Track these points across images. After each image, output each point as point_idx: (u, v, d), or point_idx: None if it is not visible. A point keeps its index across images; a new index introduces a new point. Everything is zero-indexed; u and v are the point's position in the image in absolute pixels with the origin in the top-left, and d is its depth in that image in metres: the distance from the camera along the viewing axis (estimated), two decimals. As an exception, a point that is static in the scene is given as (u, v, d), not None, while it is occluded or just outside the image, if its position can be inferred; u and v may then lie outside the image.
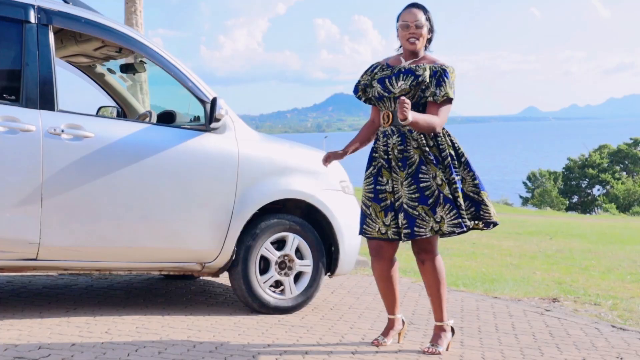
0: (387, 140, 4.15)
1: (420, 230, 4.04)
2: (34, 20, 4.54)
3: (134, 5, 8.17)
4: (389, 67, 4.24)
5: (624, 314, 5.86)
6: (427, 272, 4.19)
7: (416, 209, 4.04)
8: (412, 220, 4.04)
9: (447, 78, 4.11)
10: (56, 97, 4.52)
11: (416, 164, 4.07)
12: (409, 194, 4.06)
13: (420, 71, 4.11)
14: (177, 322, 4.67)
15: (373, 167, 4.22)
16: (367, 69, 4.38)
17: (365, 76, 4.35)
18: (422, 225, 4.03)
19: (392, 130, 4.15)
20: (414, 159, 4.07)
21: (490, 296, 6.37)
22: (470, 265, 8.92)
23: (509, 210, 33.06)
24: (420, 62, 4.20)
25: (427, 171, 4.05)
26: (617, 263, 9.82)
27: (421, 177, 4.05)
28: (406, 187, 4.07)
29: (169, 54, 4.97)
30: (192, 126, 4.97)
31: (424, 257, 4.17)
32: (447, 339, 4.27)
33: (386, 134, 4.17)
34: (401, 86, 4.10)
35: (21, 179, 4.36)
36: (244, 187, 4.93)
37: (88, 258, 4.64)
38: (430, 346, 4.22)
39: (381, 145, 4.18)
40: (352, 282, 6.66)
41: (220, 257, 4.92)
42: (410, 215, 4.04)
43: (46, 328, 4.33)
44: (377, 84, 4.21)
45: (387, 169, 4.15)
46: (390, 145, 4.13)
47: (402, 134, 4.11)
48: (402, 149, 4.09)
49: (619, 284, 7.79)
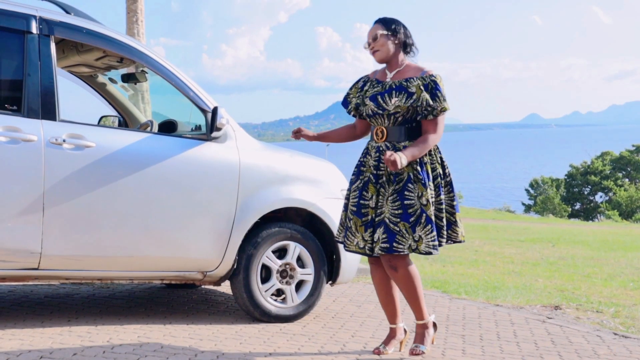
0: (379, 156, 4.17)
1: (399, 246, 4.03)
2: (35, 31, 4.56)
3: (135, 15, 8.20)
4: (379, 83, 4.26)
5: (626, 322, 5.85)
6: (401, 279, 4.16)
7: (397, 225, 4.04)
8: (392, 235, 4.04)
9: (440, 90, 4.12)
10: (58, 107, 4.53)
11: (404, 181, 4.07)
12: (392, 210, 4.06)
13: (414, 89, 4.11)
14: (179, 331, 4.67)
15: (360, 181, 4.23)
16: (355, 83, 4.41)
17: (354, 90, 4.38)
18: (401, 242, 4.03)
19: (387, 146, 4.16)
20: (403, 176, 4.08)
21: (492, 304, 6.37)
22: (473, 273, 8.92)
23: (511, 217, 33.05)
24: (405, 73, 4.21)
25: (414, 189, 4.06)
26: (619, 270, 9.81)
27: (407, 194, 4.05)
28: (391, 202, 4.08)
29: (169, 63, 4.99)
30: (193, 135, 4.98)
31: (395, 264, 4.12)
32: (431, 336, 4.31)
33: (379, 150, 4.18)
34: (395, 103, 4.12)
35: (23, 188, 4.37)
36: (245, 195, 4.94)
37: (90, 267, 4.64)
38: (415, 347, 4.24)
39: (372, 160, 4.20)
40: (353, 291, 6.66)
41: (222, 266, 4.92)
42: (391, 230, 4.04)
43: (48, 337, 4.33)
44: (370, 102, 4.22)
45: (374, 184, 4.16)
46: (384, 161, 4.11)
47: (397, 150, 4.11)
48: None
49: (621, 291, 7.78)
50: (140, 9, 8.25)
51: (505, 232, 17.68)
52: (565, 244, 14.56)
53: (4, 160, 4.32)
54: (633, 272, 9.58)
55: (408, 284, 4.15)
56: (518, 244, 14.01)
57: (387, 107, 4.13)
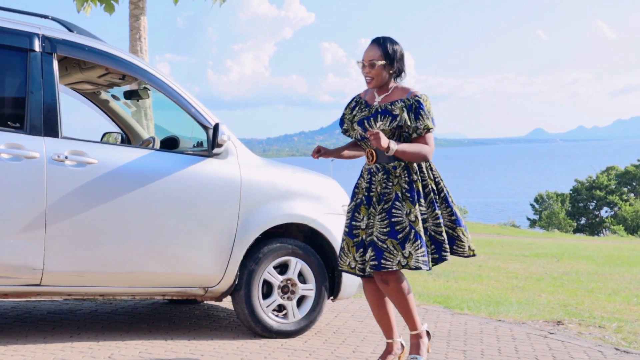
0: (371, 178, 4.22)
1: (387, 262, 4.06)
2: (38, 49, 4.60)
3: (138, 33, 8.26)
4: (367, 107, 4.30)
5: (628, 337, 5.84)
6: (392, 293, 4.19)
7: (385, 242, 4.07)
8: (380, 252, 4.07)
9: (423, 109, 4.15)
10: (60, 124, 4.56)
11: (392, 199, 4.12)
12: (380, 228, 4.10)
13: (397, 111, 4.16)
14: (181, 347, 4.69)
15: (353, 203, 4.30)
16: (348, 104, 4.45)
17: (348, 111, 4.42)
18: (389, 258, 4.06)
19: (377, 168, 4.21)
20: (391, 195, 4.13)
21: (495, 319, 6.36)
22: (476, 288, 8.91)
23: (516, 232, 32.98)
24: (392, 96, 4.25)
25: (401, 207, 4.09)
26: (623, 285, 9.80)
27: (394, 212, 4.09)
28: (379, 221, 4.12)
29: (171, 80, 5.03)
30: (194, 152, 5.02)
31: (386, 278, 4.15)
32: (425, 344, 4.32)
33: (371, 172, 4.24)
34: (380, 127, 4.17)
35: (25, 205, 4.40)
36: (246, 211, 4.96)
37: (92, 283, 4.66)
38: (412, 358, 4.25)
39: (364, 182, 4.26)
40: (356, 306, 6.66)
41: (223, 282, 4.94)
42: (379, 247, 4.08)
43: (49, 353, 4.35)
44: (358, 127, 4.28)
45: (366, 206, 4.21)
46: (375, 183, 4.19)
47: (386, 171, 4.17)
48: (385, 185, 4.16)
49: (624, 306, 7.77)
50: (143, 27, 8.32)
51: (509, 247, 17.66)
52: (570, 259, 14.53)
53: (6, 177, 4.35)
54: (637, 287, 9.56)
55: (399, 297, 4.19)
56: (522, 259, 14.00)
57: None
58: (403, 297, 4.18)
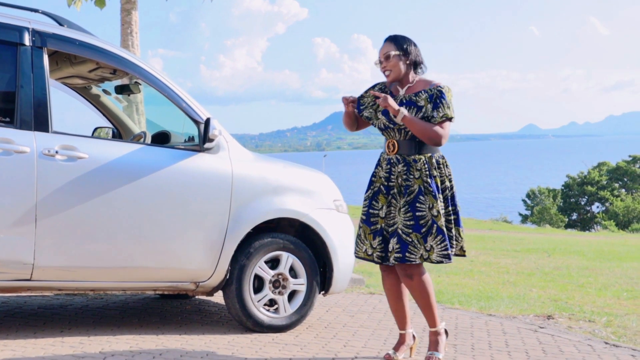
0: (390, 168, 4.29)
1: (411, 256, 4.16)
2: (28, 43, 4.58)
3: (129, 27, 8.24)
4: (392, 97, 4.36)
5: (618, 331, 5.87)
6: (415, 288, 4.28)
7: (410, 236, 4.16)
8: (404, 245, 4.16)
9: (444, 99, 4.24)
10: (50, 118, 4.55)
11: (415, 193, 4.20)
12: (404, 221, 4.18)
13: (422, 102, 4.25)
14: (172, 342, 4.68)
15: (371, 191, 4.36)
16: (372, 87, 4.51)
17: (369, 97, 4.45)
18: (413, 252, 4.16)
19: (397, 159, 4.28)
20: (414, 188, 4.20)
21: (485, 314, 6.38)
22: (467, 283, 8.93)
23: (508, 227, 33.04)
24: (416, 88, 4.33)
25: (425, 201, 4.18)
26: (614, 280, 9.83)
27: (418, 206, 4.18)
28: (403, 213, 4.20)
29: (163, 74, 5.01)
30: (186, 146, 5.00)
31: (411, 273, 4.25)
32: (444, 342, 4.41)
33: (390, 162, 4.30)
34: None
35: (15, 200, 4.38)
36: (237, 206, 4.96)
37: (83, 278, 4.65)
38: (430, 354, 4.32)
39: (383, 172, 4.32)
40: (347, 301, 6.67)
41: (215, 276, 4.94)
42: (404, 240, 4.17)
43: (40, 348, 4.34)
44: (382, 116, 4.35)
45: (385, 195, 4.29)
46: (395, 174, 4.27)
47: (407, 163, 4.25)
48: (406, 178, 4.23)
49: (614, 300, 7.80)
50: (134, 21, 8.29)
51: (501, 243, 17.69)
52: (561, 254, 14.57)
53: (-4, 172, 4.34)
54: (627, 282, 9.59)
55: (422, 292, 4.28)
56: (514, 254, 14.02)
57: (397, 121, 4.23)
58: (425, 293, 4.28)
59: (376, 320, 5.76)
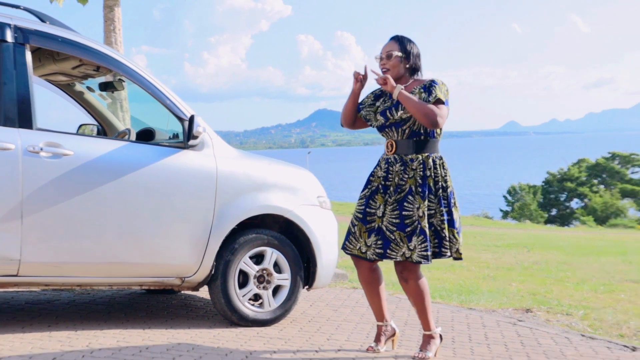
0: (388, 167, 4.34)
1: (392, 253, 4.22)
2: (10, 40, 4.57)
3: (112, 24, 8.22)
4: (390, 98, 4.42)
5: (594, 324, 5.96)
6: (411, 290, 4.36)
7: (393, 234, 4.22)
8: (387, 242, 4.23)
9: (437, 85, 4.29)
10: (34, 115, 4.54)
11: (405, 192, 4.25)
12: (390, 218, 4.24)
13: (417, 96, 4.29)
14: (158, 336, 4.71)
15: (368, 190, 4.40)
16: (374, 92, 4.57)
17: (370, 96, 4.55)
18: (395, 249, 4.22)
19: (395, 159, 4.33)
20: (405, 187, 4.26)
21: (466, 307, 6.45)
22: (449, 278, 9.00)
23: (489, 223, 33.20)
24: (410, 87, 4.38)
25: (413, 201, 4.22)
26: (591, 274, 9.93)
27: (406, 205, 4.23)
28: (390, 211, 4.26)
29: (146, 71, 5.02)
30: (170, 143, 5.03)
31: (407, 277, 4.33)
32: (436, 345, 4.45)
33: (388, 162, 4.36)
34: (401, 115, 4.31)
35: (1, 196, 4.38)
36: (222, 203, 4.99)
37: (69, 274, 4.66)
38: (420, 352, 4.39)
39: (381, 171, 4.37)
40: (330, 295, 6.72)
41: (200, 272, 4.97)
42: (387, 237, 4.23)
43: (27, 342, 4.36)
44: (381, 117, 4.41)
45: (382, 194, 4.33)
46: (392, 173, 4.32)
47: (404, 162, 4.30)
48: (401, 177, 4.28)
49: (591, 294, 7.89)
50: (117, 18, 8.28)
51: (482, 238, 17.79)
52: (540, 249, 14.67)
53: (-18, 169, 4.34)
54: (604, 276, 9.70)
55: (417, 296, 4.35)
56: (494, 249, 14.11)
57: (395, 118, 4.31)
58: (420, 297, 4.34)
59: (359, 314, 5.82)
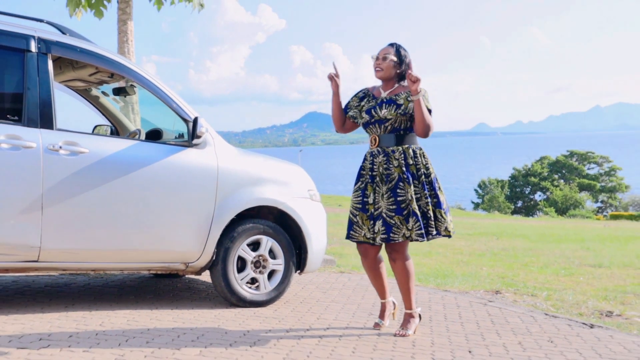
0: (373, 159, 4.34)
1: (394, 236, 4.22)
2: (34, 50, 4.54)
3: (125, 36, 8.16)
4: (374, 99, 4.41)
5: (556, 304, 5.95)
6: (398, 270, 4.36)
7: (393, 218, 4.21)
8: (389, 227, 4.22)
9: (425, 95, 4.27)
10: (55, 117, 4.51)
11: (395, 180, 4.25)
12: (387, 205, 4.23)
13: (401, 100, 4.29)
14: (164, 315, 4.67)
15: (361, 182, 4.39)
16: (357, 93, 4.54)
17: (354, 100, 4.50)
18: (396, 232, 4.21)
19: (379, 151, 4.33)
20: (394, 176, 4.25)
21: (441, 289, 6.43)
22: (426, 263, 8.99)
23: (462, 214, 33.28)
24: (396, 91, 4.37)
25: (404, 187, 4.23)
26: (553, 259, 9.94)
27: (399, 192, 4.23)
28: (385, 199, 4.25)
29: (155, 78, 4.99)
30: (176, 142, 4.98)
31: (395, 257, 4.35)
32: (415, 324, 4.45)
33: (373, 154, 4.35)
34: (384, 113, 4.29)
35: (23, 190, 4.34)
36: (222, 195, 4.95)
37: (84, 260, 4.62)
38: (400, 330, 4.39)
39: (368, 164, 4.37)
40: (320, 279, 6.69)
41: (202, 258, 4.93)
42: (388, 223, 4.22)
43: (47, 322, 4.32)
44: (365, 115, 4.38)
45: (372, 184, 4.32)
46: (377, 164, 4.31)
47: (386, 154, 4.30)
48: (386, 167, 4.28)
49: (554, 277, 7.90)
50: (130, 30, 8.22)
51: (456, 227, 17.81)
52: (508, 237, 14.70)
53: (6, 165, 4.30)
54: (565, 261, 9.71)
55: (402, 276, 4.36)
56: (467, 237, 14.13)
57: (379, 116, 4.30)
58: (406, 277, 4.35)
59: (346, 296, 5.79)
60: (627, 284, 7.34)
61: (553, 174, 57.45)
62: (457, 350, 4.09)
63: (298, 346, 4.03)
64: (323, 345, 4.07)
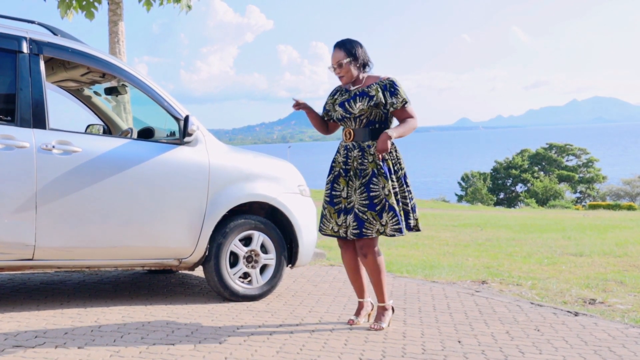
0: (347, 153, 4.25)
1: (367, 231, 4.12)
2: (26, 51, 4.45)
3: (116, 36, 8.07)
4: (346, 92, 4.32)
5: (541, 292, 5.92)
6: (369, 264, 4.25)
7: (365, 214, 4.12)
8: (361, 222, 4.12)
9: (398, 87, 4.22)
10: (47, 117, 4.43)
11: (369, 175, 4.15)
12: (360, 200, 4.14)
13: (373, 92, 4.20)
14: (158, 311, 4.61)
15: (332, 175, 4.31)
16: (330, 93, 4.47)
17: (329, 100, 4.43)
18: (369, 227, 4.12)
19: (353, 145, 4.24)
20: (368, 171, 4.16)
21: (429, 280, 6.40)
22: (413, 254, 8.96)
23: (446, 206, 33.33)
24: (366, 83, 4.28)
25: (378, 182, 4.13)
26: (536, 249, 9.94)
27: (372, 187, 4.13)
28: (359, 194, 4.16)
29: (146, 77, 4.91)
30: (168, 140, 4.91)
31: (367, 252, 4.22)
32: (389, 317, 4.36)
33: (347, 148, 4.26)
34: (359, 107, 4.20)
35: (17, 189, 4.26)
36: (214, 192, 4.89)
37: (79, 257, 4.55)
38: (375, 323, 4.30)
39: (341, 157, 4.27)
40: (311, 272, 6.64)
41: (195, 254, 4.87)
42: (360, 218, 4.13)
43: (42, 319, 4.24)
44: (339, 108, 4.29)
45: (344, 178, 4.23)
46: (351, 158, 4.22)
47: (362, 149, 4.20)
48: (360, 162, 4.19)
49: (537, 266, 7.88)
50: (121, 31, 8.12)
51: (441, 219, 17.82)
52: (492, 227, 14.71)
53: (0, 165, 4.21)
54: (547, 251, 9.71)
55: (374, 270, 4.25)
56: (452, 229, 14.12)
57: (353, 111, 4.22)
58: (377, 271, 4.25)
59: (336, 289, 5.74)
60: (608, 272, 7.33)
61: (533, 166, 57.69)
62: (447, 341, 4.05)
63: (291, 339, 3.98)
64: (315, 338, 4.02)
